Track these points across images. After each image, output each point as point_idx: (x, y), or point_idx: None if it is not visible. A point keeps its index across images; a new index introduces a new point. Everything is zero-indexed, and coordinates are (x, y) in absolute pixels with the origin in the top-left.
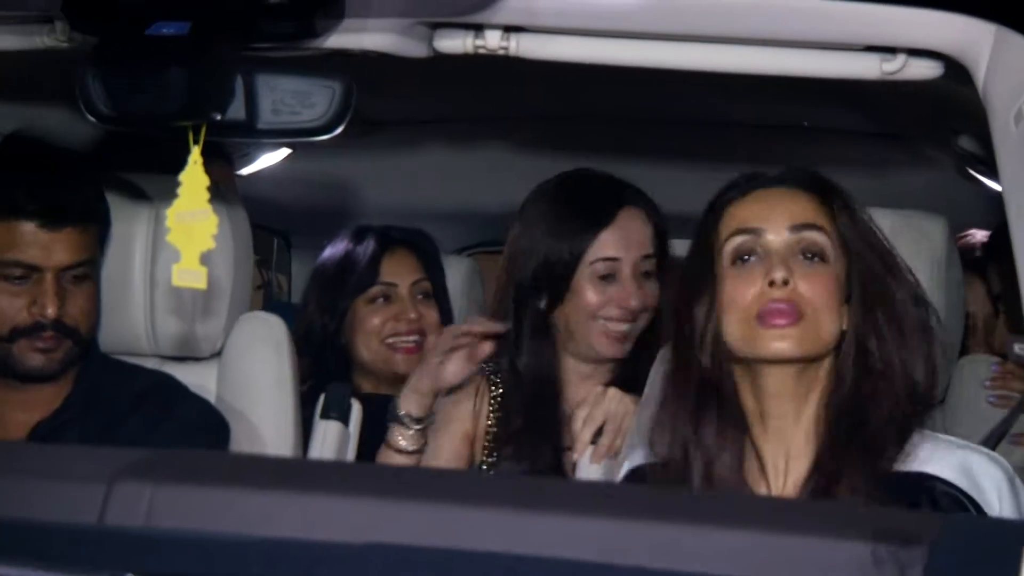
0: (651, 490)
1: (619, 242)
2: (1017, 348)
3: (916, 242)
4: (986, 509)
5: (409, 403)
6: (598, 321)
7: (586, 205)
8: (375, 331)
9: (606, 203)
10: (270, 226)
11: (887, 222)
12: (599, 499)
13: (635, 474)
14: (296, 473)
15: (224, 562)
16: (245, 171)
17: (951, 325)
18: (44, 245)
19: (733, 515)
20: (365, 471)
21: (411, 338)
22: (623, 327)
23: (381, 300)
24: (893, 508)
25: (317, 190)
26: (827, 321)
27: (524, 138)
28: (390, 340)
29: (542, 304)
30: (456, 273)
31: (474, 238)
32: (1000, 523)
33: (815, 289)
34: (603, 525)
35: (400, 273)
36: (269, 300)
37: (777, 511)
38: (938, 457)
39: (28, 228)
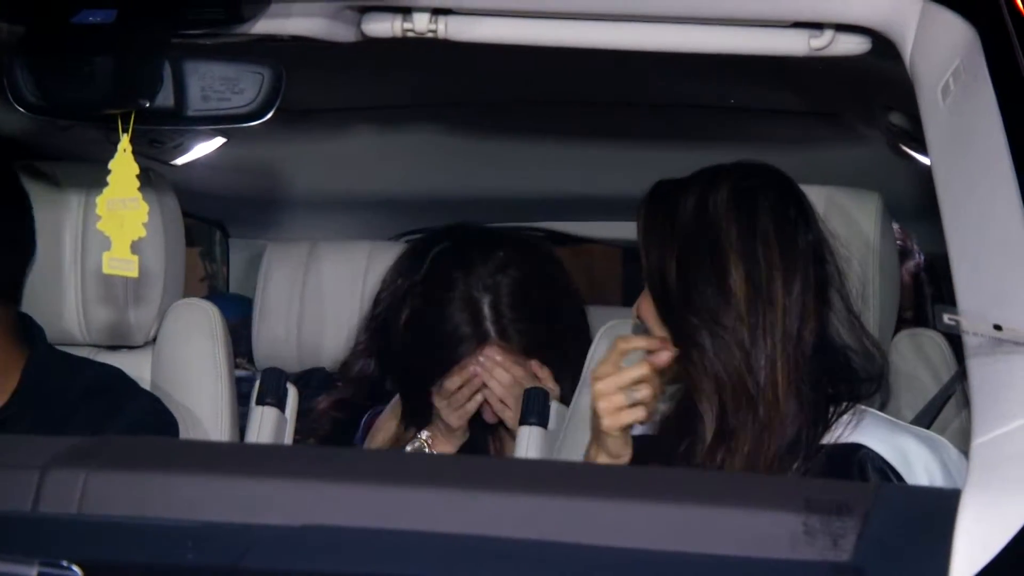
0: (585, 467)
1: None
2: (946, 318)
3: (850, 219)
4: None
5: None
6: None
7: (440, 345)
8: None
9: (456, 344)
10: (207, 216)
11: (820, 199)
12: (537, 477)
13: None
14: (230, 457)
15: (159, 547)
16: (180, 161)
17: (886, 301)
18: None
19: (667, 489)
20: (299, 454)
21: None
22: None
23: None
24: (827, 479)
25: (253, 179)
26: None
27: (459, 123)
28: None
29: None
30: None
31: (410, 224)
32: (933, 492)
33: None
34: (540, 502)
35: None
36: (214, 291)
37: (711, 485)
38: (873, 432)
39: None
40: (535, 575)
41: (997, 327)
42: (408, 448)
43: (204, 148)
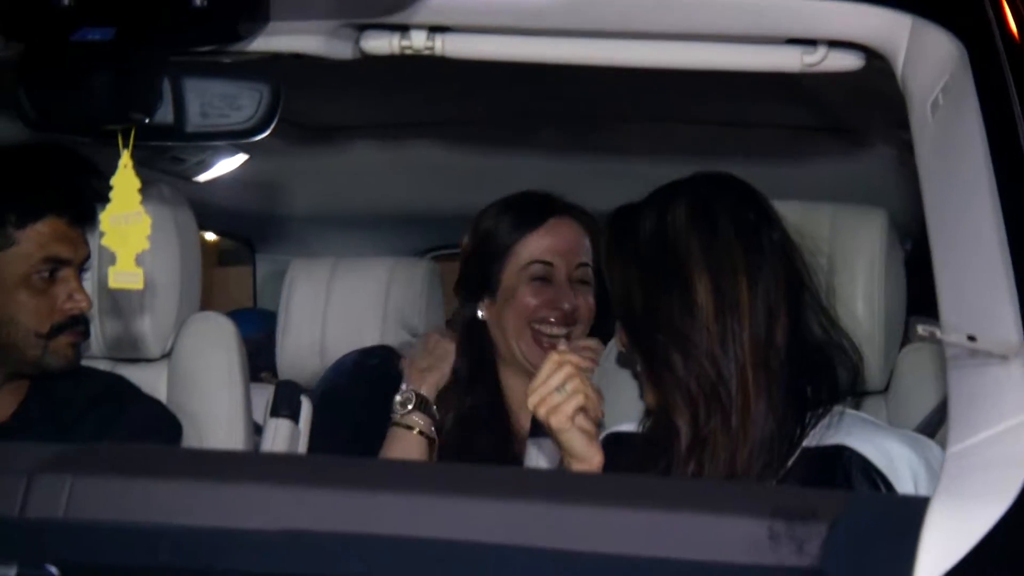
0: (556, 474)
1: (553, 247)
2: (920, 329)
3: (856, 235)
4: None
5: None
6: (532, 326)
7: (518, 210)
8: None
9: (538, 209)
10: (234, 233)
11: (826, 216)
12: (512, 483)
13: (610, 438)
14: (211, 463)
15: (139, 550)
16: (202, 177)
17: (891, 316)
18: (71, 240)
19: (636, 495)
20: (279, 460)
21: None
22: (557, 331)
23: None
24: (796, 486)
25: (279, 196)
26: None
27: (483, 141)
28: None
29: (480, 312)
30: (416, 276)
31: (435, 240)
32: (902, 499)
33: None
34: (514, 508)
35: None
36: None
37: (680, 491)
38: (856, 433)
39: (58, 225)
40: None
41: (971, 338)
42: (398, 398)
43: (227, 165)
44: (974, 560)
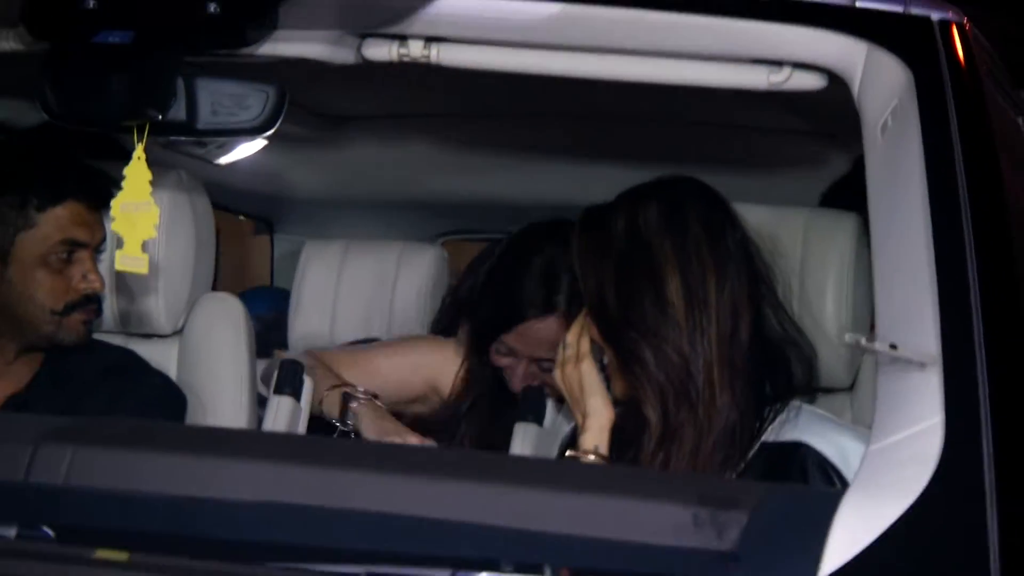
0: (516, 459)
1: (521, 344)
2: (847, 337)
3: (827, 239)
4: None
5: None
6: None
7: (511, 300)
8: None
9: (533, 305)
10: (252, 212)
11: (800, 221)
12: (464, 466)
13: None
14: (202, 440)
15: (131, 518)
16: (223, 160)
17: (859, 318)
18: (89, 224)
19: (578, 481)
20: (263, 439)
21: None
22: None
23: None
24: (723, 478)
25: (295, 179)
26: None
27: (494, 133)
28: None
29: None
30: (424, 260)
31: (444, 227)
32: (819, 492)
33: None
34: (462, 488)
35: None
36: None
37: (618, 477)
38: (814, 430)
39: (77, 210)
40: (452, 550)
41: (892, 346)
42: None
43: (246, 149)
44: (877, 549)
